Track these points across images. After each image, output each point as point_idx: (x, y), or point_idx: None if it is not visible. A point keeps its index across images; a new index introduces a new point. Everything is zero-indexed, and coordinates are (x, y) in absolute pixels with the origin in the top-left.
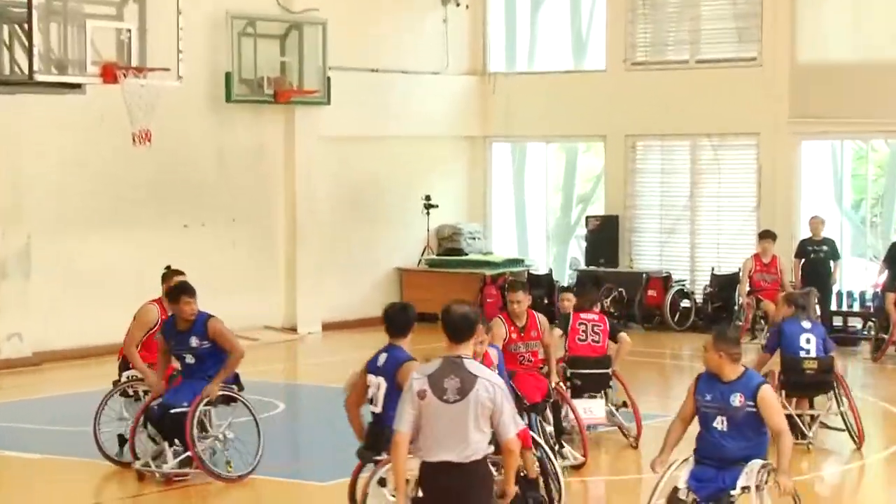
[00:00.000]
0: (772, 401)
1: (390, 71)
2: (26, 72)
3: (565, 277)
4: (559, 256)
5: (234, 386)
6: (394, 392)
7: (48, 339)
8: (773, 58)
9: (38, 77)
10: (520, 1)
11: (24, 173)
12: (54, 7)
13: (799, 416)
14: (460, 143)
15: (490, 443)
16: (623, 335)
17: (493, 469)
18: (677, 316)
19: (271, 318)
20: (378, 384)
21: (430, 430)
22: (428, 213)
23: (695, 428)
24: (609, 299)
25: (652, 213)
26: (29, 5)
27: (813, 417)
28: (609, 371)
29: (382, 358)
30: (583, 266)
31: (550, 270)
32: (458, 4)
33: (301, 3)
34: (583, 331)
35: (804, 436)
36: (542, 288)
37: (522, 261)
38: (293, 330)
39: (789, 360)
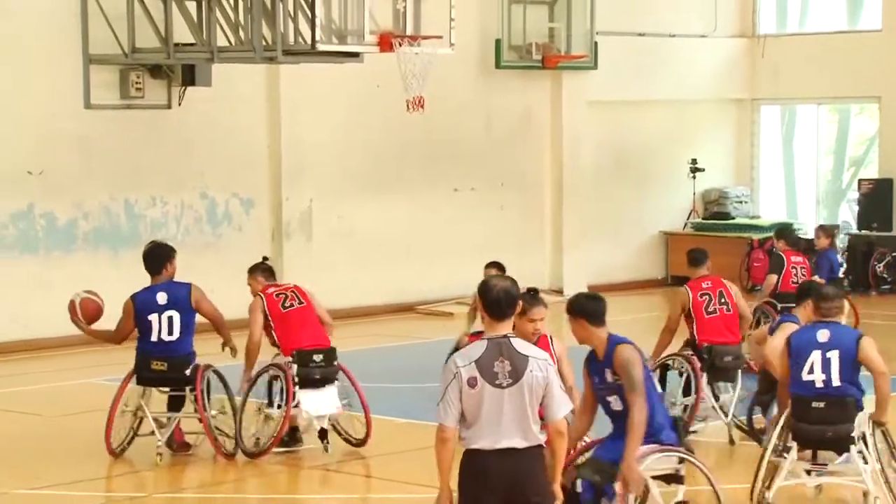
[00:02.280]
0: None
1: (657, 35)
2: (309, 42)
3: (836, 242)
4: (829, 220)
5: None
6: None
7: (328, 298)
8: None
9: (320, 47)
10: None
11: (304, 140)
12: None
13: None
14: (727, 106)
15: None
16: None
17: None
18: None
19: (538, 280)
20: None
21: (486, 418)
22: (694, 177)
23: None
24: (882, 264)
25: None
26: None
27: None
28: None
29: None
30: (854, 230)
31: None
32: None
33: None
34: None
35: None
36: (812, 253)
37: (790, 225)
38: (559, 292)
39: None
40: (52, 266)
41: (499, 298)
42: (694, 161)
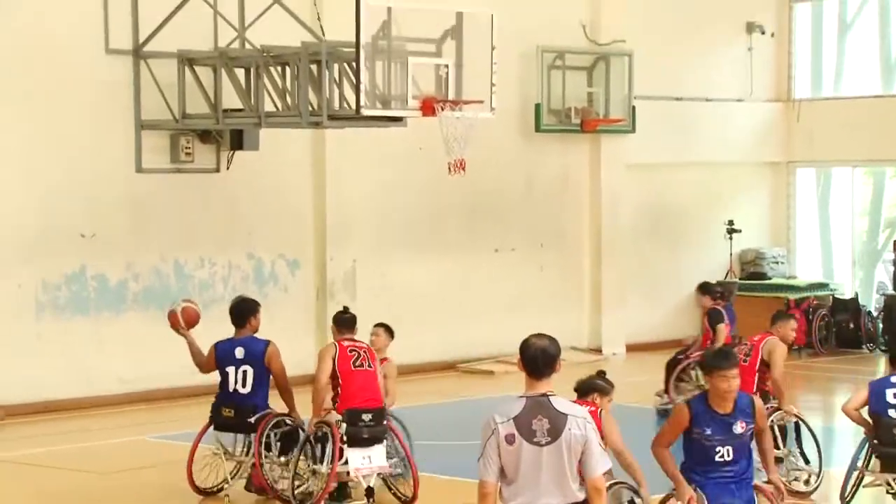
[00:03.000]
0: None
1: (694, 99)
2: (354, 107)
3: (872, 302)
4: (865, 281)
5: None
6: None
7: None
8: None
9: (365, 112)
10: (827, 27)
11: (349, 202)
12: (379, 46)
13: None
14: (763, 169)
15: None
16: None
17: None
18: None
19: (577, 338)
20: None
21: (525, 475)
22: (731, 238)
23: None
24: None
25: None
26: (357, 45)
27: None
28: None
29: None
30: (890, 290)
31: (856, 294)
32: (763, 32)
33: (608, 35)
34: None
35: None
36: (848, 312)
37: (827, 285)
38: (598, 351)
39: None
40: (103, 326)
41: (535, 357)
42: (731, 222)
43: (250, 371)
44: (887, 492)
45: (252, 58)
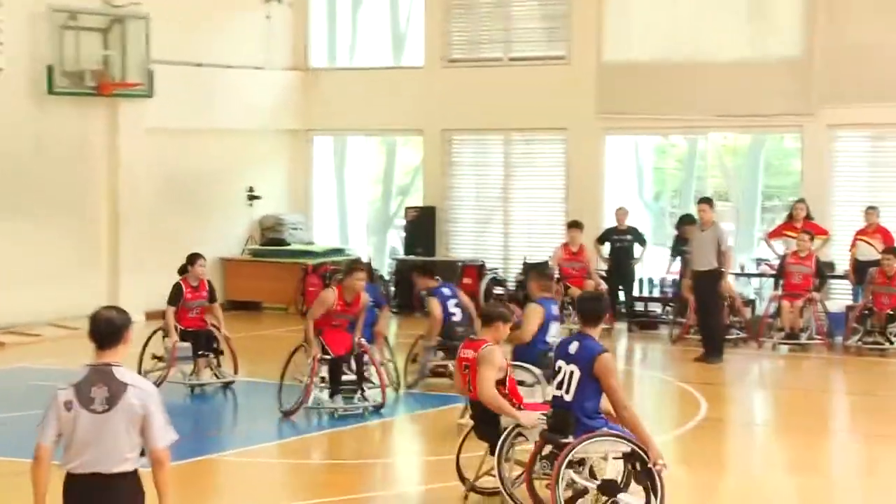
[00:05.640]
0: None
1: (214, 65)
2: None
3: (384, 266)
4: (379, 246)
5: None
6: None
7: None
8: (580, 56)
9: None
10: None
11: None
12: None
13: None
14: (283, 136)
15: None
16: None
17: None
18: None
19: (95, 306)
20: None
21: (81, 441)
22: (251, 205)
23: None
24: None
25: (468, 205)
26: None
27: None
28: None
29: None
30: (401, 255)
31: (370, 259)
32: (280, 1)
33: None
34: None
35: None
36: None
37: (343, 250)
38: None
39: None
40: None
41: (98, 327)
42: (251, 189)
43: None
44: None
45: None
